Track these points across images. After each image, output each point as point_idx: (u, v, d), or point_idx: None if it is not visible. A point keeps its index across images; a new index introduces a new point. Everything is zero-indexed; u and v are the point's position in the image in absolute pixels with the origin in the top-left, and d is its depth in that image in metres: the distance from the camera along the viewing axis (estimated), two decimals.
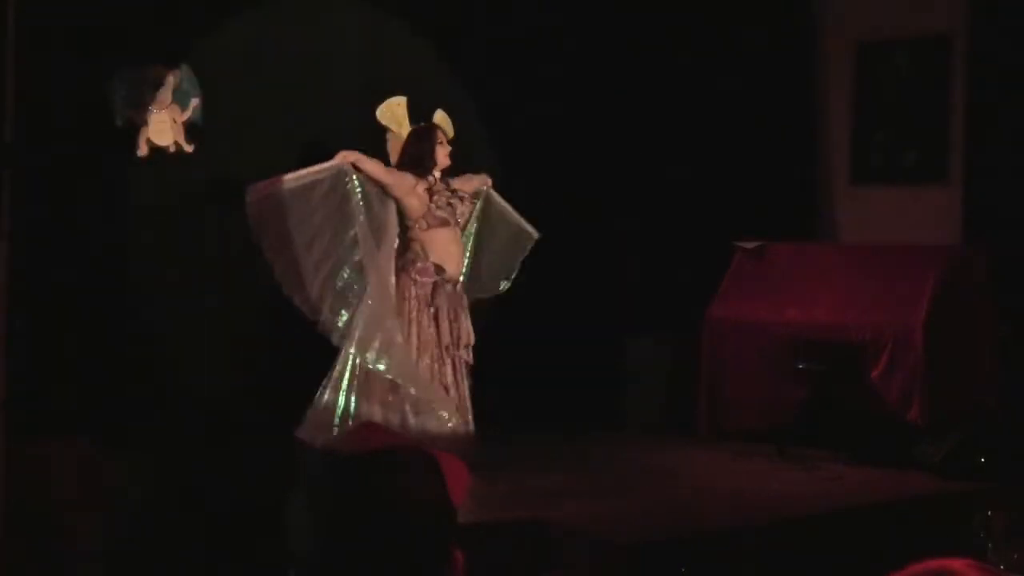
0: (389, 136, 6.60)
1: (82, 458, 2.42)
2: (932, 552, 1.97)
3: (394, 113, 6.48)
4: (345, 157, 6.32)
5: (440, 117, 6.58)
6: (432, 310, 6.31)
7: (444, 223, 6.39)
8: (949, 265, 7.40)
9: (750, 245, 8.11)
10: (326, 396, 6.19)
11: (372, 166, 6.37)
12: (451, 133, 6.59)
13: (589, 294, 8.24)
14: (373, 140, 6.66)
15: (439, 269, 6.37)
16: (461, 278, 6.53)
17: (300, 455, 5.76)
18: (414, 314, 6.29)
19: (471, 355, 6.41)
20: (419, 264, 6.36)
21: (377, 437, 2.77)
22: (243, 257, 6.86)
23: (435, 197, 6.38)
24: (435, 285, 6.34)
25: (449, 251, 6.41)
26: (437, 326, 6.32)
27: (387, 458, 2.05)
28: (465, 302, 6.49)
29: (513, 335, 7.35)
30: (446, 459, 2.18)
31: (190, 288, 7.01)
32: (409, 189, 6.38)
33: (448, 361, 6.32)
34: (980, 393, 7.33)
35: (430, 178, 6.43)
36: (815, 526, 5.86)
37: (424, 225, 6.37)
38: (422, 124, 6.53)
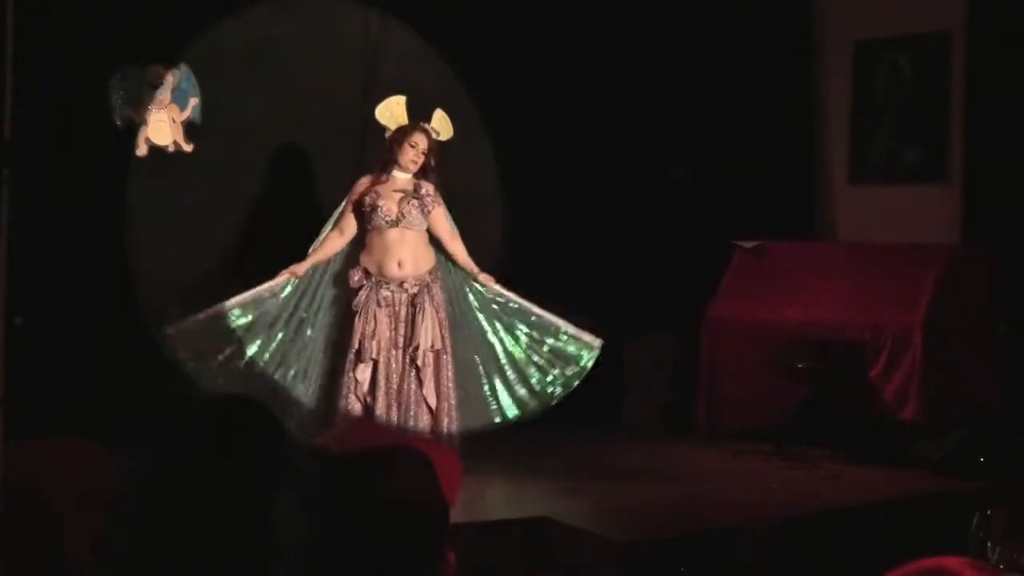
0: (388, 135, 6.59)
1: (82, 458, 2.41)
2: (932, 551, 1.97)
3: (393, 112, 6.46)
4: (297, 271, 6.26)
5: (438, 117, 6.55)
6: (381, 310, 6.16)
7: (388, 223, 6.22)
8: (949, 265, 7.40)
9: (749, 244, 8.11)
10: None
11: (330, 244, 6.33)
12: (449, 133, 6.56)
13: (589, 294, 8.23)
14: (373, 139, 6.66)
15: (367, 273, 6.22)
16: (429, 275, 6.30)
17: (292, 452, 5.75)
18: (362, 315, 6.17)
19: (423, 358, 6.16)
20: (349, 270, 6.28)
21: (370, 435, 2.76)
22: (244, 255, 6.87)
23: (386, 197, 6.25)
24: (371, 288, 6.19)
25: (391, 251, 6.23)
26: (394, 327, 6.18)
27: (380, 457, 2.05)
28: (431, 302, 6.26)
29: None
30: (439, 455, 2.17)
31: (191, 286, 7.01)
32: (362, 188, 6.32)
33: (401, 362, 6.16)
34: (979, 392, 7.33)
35: (386, 176, 6.30)
36: (815, 526, 5.85)
37: (368, 226, 6.28)
38: (408, 124, 6.41)
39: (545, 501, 5.92)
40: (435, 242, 6.44)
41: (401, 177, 6.34)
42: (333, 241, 6.38)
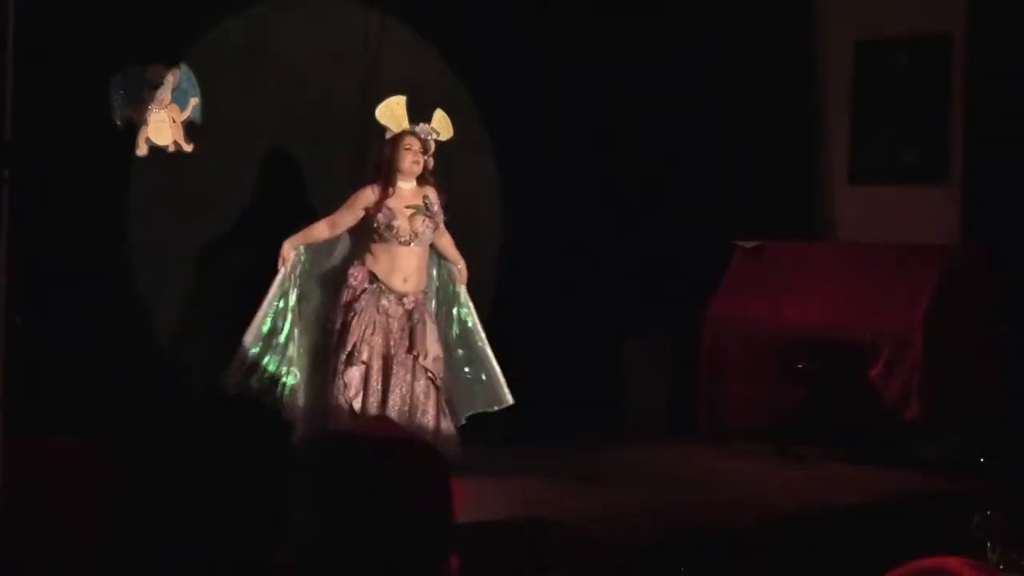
0: (388, 136, 6.58)
1: (82, 458, 2.41)
2: (932, 551, 1.97)
3: (393, 112, 6.44)
4: (285, 255, 6.24)
5: (438, 117, 6.53)
6: (379, 318, 6.12)
7: (401, 242, 6.19)
8: (949, 265, 7.40)
9: (750, 244, 8.11)
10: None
11: (315, 231, 6.32)
12: (449, 133, 6.55)
13: (589, 293, 8.24)
14: (373, 140, 6.65)
15: (373, 276, 6.18)
16: (423, 293, 6.31)
17: (293, 449, 5.74)
18: (354, 319, 6.12)
19: (435, 366, 6.15)
20: (352, 268, 6.23)
21: (387, 432, 2.75)
22: (244, 256, 6.87)
23: (400, 214, 6.19)
24: (374, 293, 6.15)
25: (399, 266, 6.20)
26: (385, 335, 6.12)
27: (394, 450, 2.04)
28: (428, 316, 6.27)
29: (513, 334, 7.35)
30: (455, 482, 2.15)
31: (191, 286, 7.01)
32: (368, 203, 6.23)
33: (402, 370, 6.12)
34: (979, 393, 7.33)
35: (392, 189, 6.22)
36: (815, 526, 5.85)
37: (375, 238, 6.21)
38: (402, 130, 6.34)
39: (545, 501, 5.92)
40: None
41: (407, 187, 6.29)
42: (320, 231, 6.35)
